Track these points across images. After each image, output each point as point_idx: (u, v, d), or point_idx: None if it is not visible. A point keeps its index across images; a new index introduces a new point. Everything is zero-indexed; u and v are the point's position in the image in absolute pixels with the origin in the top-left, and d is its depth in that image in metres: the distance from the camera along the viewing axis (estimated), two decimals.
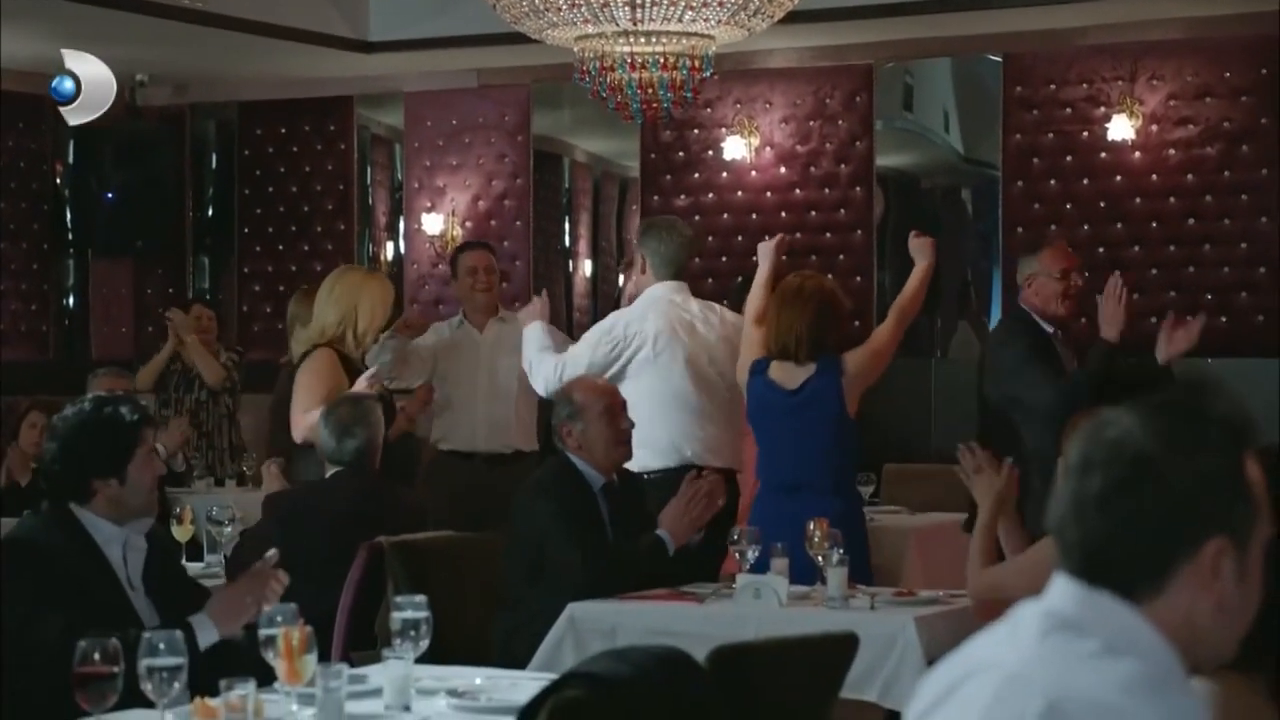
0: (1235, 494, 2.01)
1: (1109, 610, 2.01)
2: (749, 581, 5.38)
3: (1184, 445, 2.02)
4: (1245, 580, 2.03)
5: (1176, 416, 2.04)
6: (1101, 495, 2.02)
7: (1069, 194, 9.60)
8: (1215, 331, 9.31)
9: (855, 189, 10.06)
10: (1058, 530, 2.05)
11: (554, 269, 11.16)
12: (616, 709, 3.27)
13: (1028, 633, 2.01)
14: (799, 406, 6.16)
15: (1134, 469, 2.01)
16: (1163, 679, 1.97)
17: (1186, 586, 2.01)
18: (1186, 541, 2.00)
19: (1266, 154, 9.25)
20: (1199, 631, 2.02)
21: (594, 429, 5.71)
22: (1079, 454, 2.04)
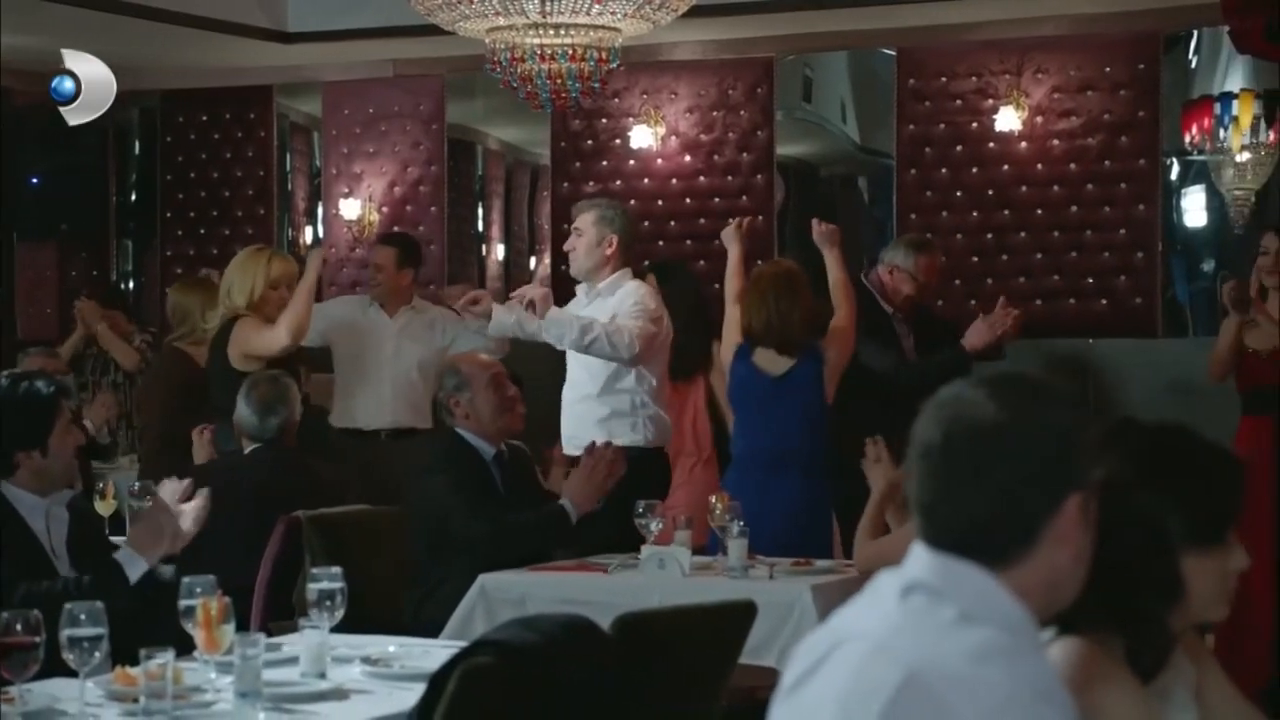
0: (1080, 449, 2.06)
1: (965, 577, 2.03)
2: (653, 553, 5.40)
3: (1033, 413, 2.06)
4: (1089, 530, 2.08)
5: (1020, 388, 2.08)
6: (964, 469, 2.04)
7: (959, 182, 9.65)
8: (1096, 314, 9.42)
9: (757, 176, 10.08)
10: (918, 504, 2.07)
11: (467, 254, 11.12)
12: (524, 674, 3.27)
13: (889, 603, 2.03)
14: (782, 392, 6.23)
15: (993, 441, 2.03)
16: (1016, 645, 1.99)
17: (1051, 543, 2.04)
18: (1050, 501, 2.03)
19: (1145, 145, 9.33)
20: (1058, 585, 2.06)
21: (481, 399, 5.72)
22: (937, 432, 2.06)
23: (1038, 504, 2.03)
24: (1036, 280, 9.48)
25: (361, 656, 3.99)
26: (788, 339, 6.25)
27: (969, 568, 2.03)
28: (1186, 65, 9.74)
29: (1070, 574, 2.08)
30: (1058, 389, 2.10)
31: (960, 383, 2.11)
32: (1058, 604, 2.12)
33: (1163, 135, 9.35)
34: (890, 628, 1.99)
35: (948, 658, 1.95)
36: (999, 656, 1.96)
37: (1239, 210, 9.49)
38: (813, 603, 5.07)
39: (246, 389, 6.11)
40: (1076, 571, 2.08)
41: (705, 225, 10.07)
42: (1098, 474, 2.11)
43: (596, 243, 6.50)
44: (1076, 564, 2.07)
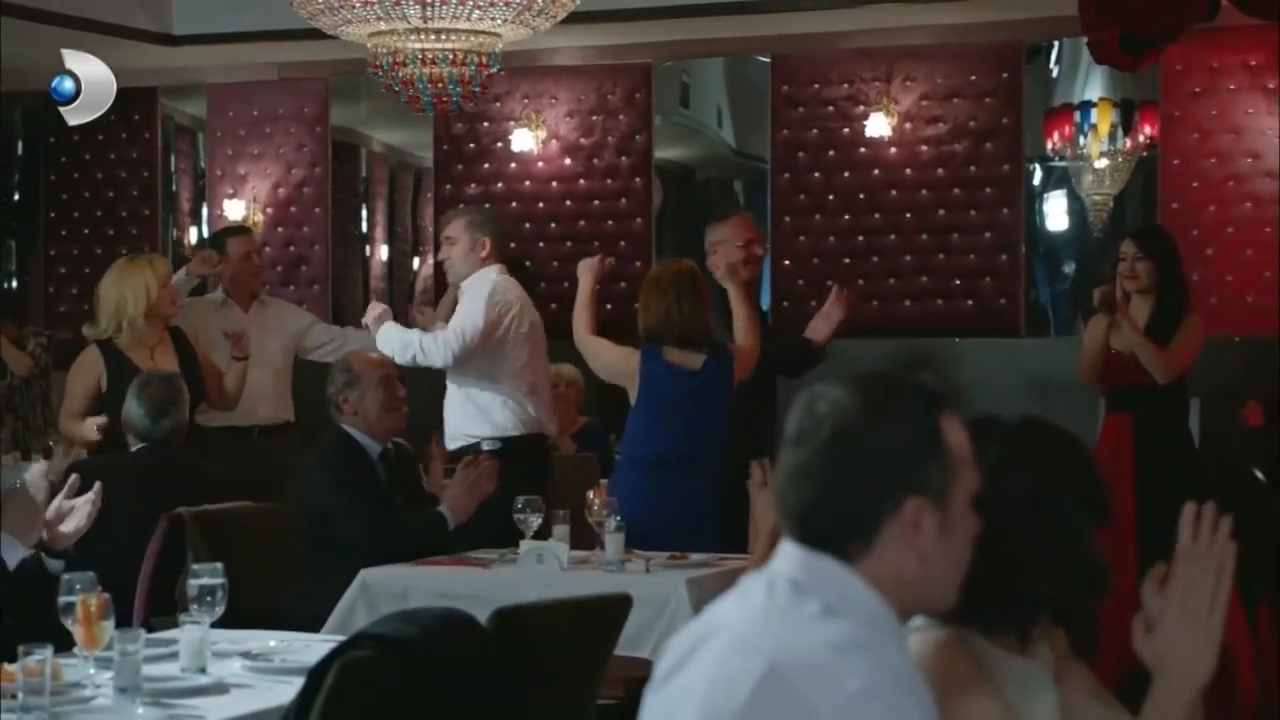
0: (931, 456, 2.06)
1: (828, 572, 2.05)
2: (531, 548, 5.39)
3: (882, 413, 2.06)
4: (949, 534, 2.08)
5: (876, 387, 2.09)
6: (810, 463, 2.06)
7: (831, 186, 9.71)
8: (963, 313, 9.51)
9: (635, 179, 10.09)
10: (778, 499, 2.09)
11: (351, 254, 11.04)
12: (402, 667, 3.25)
13: (756, 598, 2.04)
14: (701, 386, 6.13)
15: (838, 437, 2.05)
16: (875, 638, 2.00)
17: (892, 543, 2.05)
18: (888, 501, 2.04)
19: (1009, 150, 9.44)
20: (910, 583, 2.07)
21: (370, 397, 5.71)
22: (792, 427, 2.08)
23: (876, 503, 2.04)
24: (905, 281, 9.56)
25: (242, 651, 3.95)
26: (693, 335, 6.14)
27: (830, 562, 2.05)
28: (1048, 75, 9.87)
29: (923, 576, 2.07)
30: (913, 394, 2.10)
31: (830, 380, 2.13)
32: (925, 602, 2.13)
33: (1025, 142, 9.46)
34: (754, 622, 2.00)
35: (809, 650, 1.96)
36: (858, 649, 1.97)
37: (1098, 214, 9.63)
38: (687, 596, 5.07)
39: (138, 388, 6.03)
40: (928, 575, 2.07)
41: (585, 227, 10.07)
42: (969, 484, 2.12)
43: (471, 247, 6.59)
44: (923, 566, 2.06)
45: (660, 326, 6.14)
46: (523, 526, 5.50)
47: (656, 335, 6.15)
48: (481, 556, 5.57)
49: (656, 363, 6.15)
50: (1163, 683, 2.30)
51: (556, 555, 5.33)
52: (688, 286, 6.16)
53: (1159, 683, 2.31)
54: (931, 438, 2.07)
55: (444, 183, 10.36)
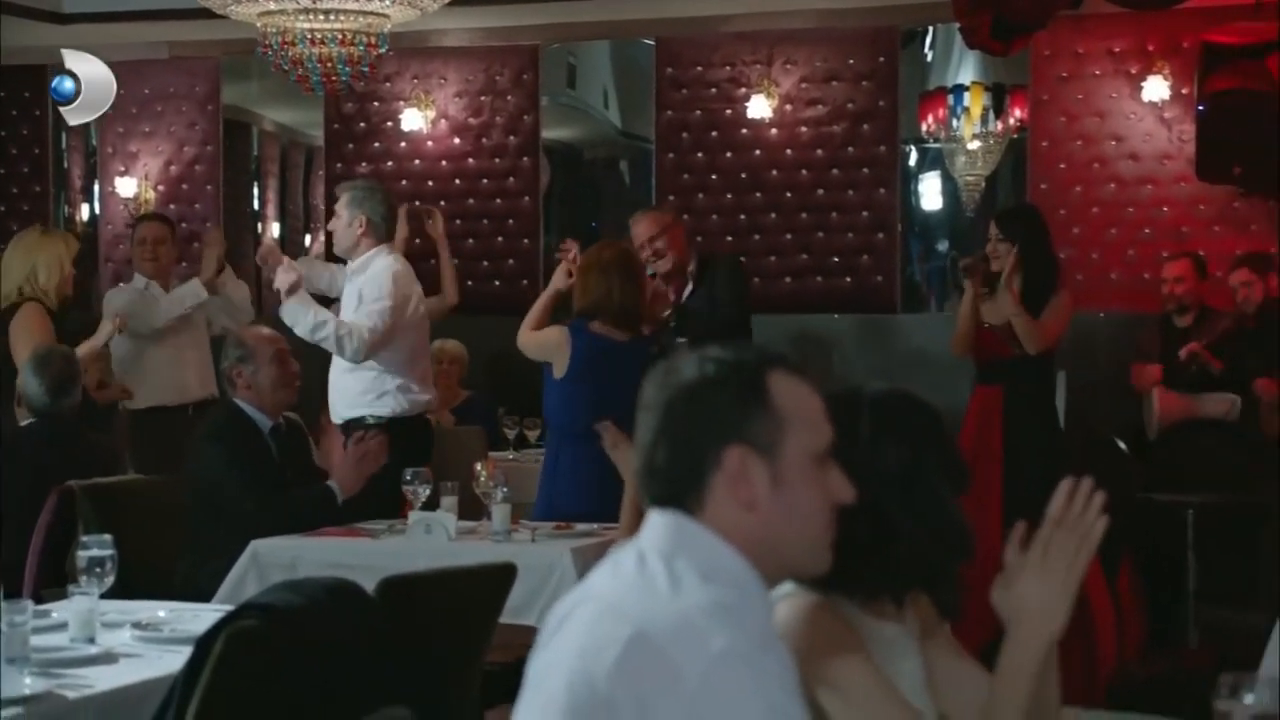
0: (753, 408, 2.11)
1: (694, 538, 2.08)
2: (420, 518, 5.38)
3: (711, 373, 2.12)
4: (784, 486, 2.11)
5: (711, 353, 2.16)
6: (650, 426, 2.13)
7: (714, 166, 9.74)
8: (841, 290, 9.58)
9: (523, 159, 10.06)
10: (635, 466, 2.14)
11: (243, 231, 10.93)
12: (289, 636, 3.23)
13: (627, 567, 2.07)
14: (632, 355, 6.09)
15: (672, 398, 2.12)
16: (740, 601, 2.03)
17: (721, 493, 2.10)
18: (712, 452, 2.09)
19: (885, 132, 9.51)
20: (753, 536, 2.10)
21: (264, 372, 5.66)
22: (643, 396, 2.13)
23: (701, 455, 2.10)
24: (786, 259, 9.60)
25: (131, 621, 3.91)
26: (625, 316, 6.11)
27: (694, 526, 2.08)
28: (923, 59, 9.95)
29: (767, 528, 2.10)
30: (741, 354, 2.16)
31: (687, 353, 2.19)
32: (792, 564, 2.15)
33: (901, 124, 9.54)
34: (623, 588, 2.03)
35: (674, 614, 1.98)
36: (723, 611, 1.99)
37: (970, 195, 9.73)
38: (572, 565, 5.09)
39: (38, 365, 5.94)
40: (776, 528, 2.11)
41: (474, 205, 10.04)
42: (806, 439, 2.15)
43: (349, 223, 6.56)
44: (754, 515, 2.10)
45: (596, 306, 6.08)
46: (411, 498, 5.48)
47: (592, 313, 6.10)
48: (370, 527, 5.54)
49: (582, 336, 6.11)
50: (1016, 635, 2.35)
51: (444, 526, 5.32)
52: (625, 268, 6.14)
53: (1013, 635, 2.36)
54: (754, 391, 2.12)
55: (334, 161, 10.28)
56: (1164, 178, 9.06)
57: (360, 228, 6.52)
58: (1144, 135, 9.08)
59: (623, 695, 1.94)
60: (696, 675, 1.93)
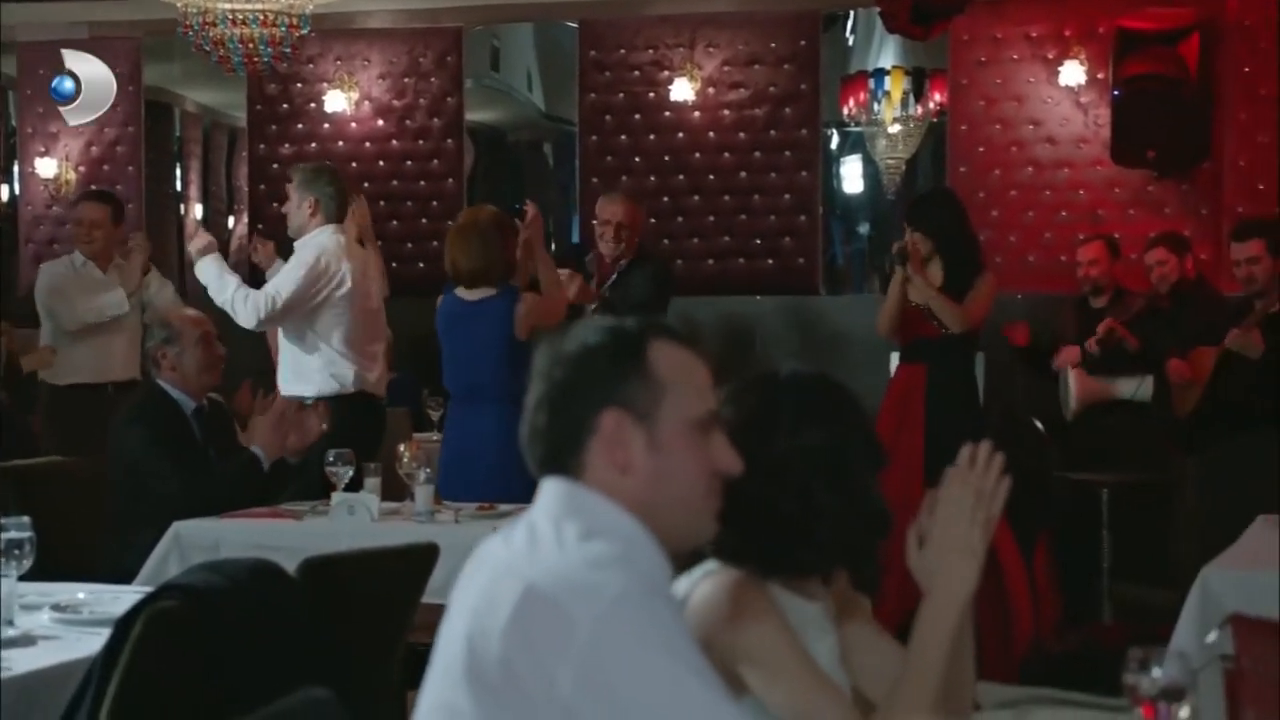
0: (630, 373, 2.15)
1: (580, 498, 2.14)
2: (343, 500, 5.34)
3: (589, 342, 2.18)
4: (661, 451, 2.15)
5: (593, 324, 2.21)
6: (536, 394, 2.18)
7: (638, 148, 9.72)
8: (763, 272, 9.59)
9: (447, 141, 10.01)
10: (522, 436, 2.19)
11: (166, 212, 10.84)
12: (209, 617, 3.20)
13: (519, 532, 2.13)
14: (476, 315, 6.22)
15: (552, 366, 2.17)
16: (630, 551, 2.08)
17: (598, 456, 2.14)
18: (588, 416, 2.14)
19: (806, 116, 9.53)
20: (632, 498, 2.13)
21: (189, 354, 5.61)
22: (534, 365, 2.21)
23: (579, 419, 2.14)
24: (709, 241, 9.61)
25: (50, 604, 3.86)
26: (487, 274, 6.27)
27: (570, 484, 2.12)
28: (844, 43, 9.99)
29: (645, 491, 2.13)
30: (622, 325, 2.20)
31: None
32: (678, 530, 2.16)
33: (823, 107, 9.55)
34: (515, 551, 2.08)
35: (567, 569, 2.03)
36: (614, 562, 2.04)
37: (891, 177, 9.79)
38: None
39: None
40: (653, 490, 2.13)
41: (398, 187, 9.99)
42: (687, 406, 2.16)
43: (299, 204, 6.59)
44: (630, 477, 2.14)
45: (464, 270, 6.31)
46: (334, 479, 5.45)
47: (460, 277, 6.31)
48: (293, 508, 5.50)
49: (447, 297, 6.37)
50: (930, 598, 2.37)
51: (367, 507, 5.29)
52: (483, 231, 6.29)
53: (927, 599, 2.38)
54: (633, 357, 2.16)
55: (258, 143, 10.19)
56: (1080, 161, 9.13)
57: (309, 208, 6.55)
58: (1061, 119, 9.14)
59: (518, 651, 1.98)
60: (589, 622, 1.96)
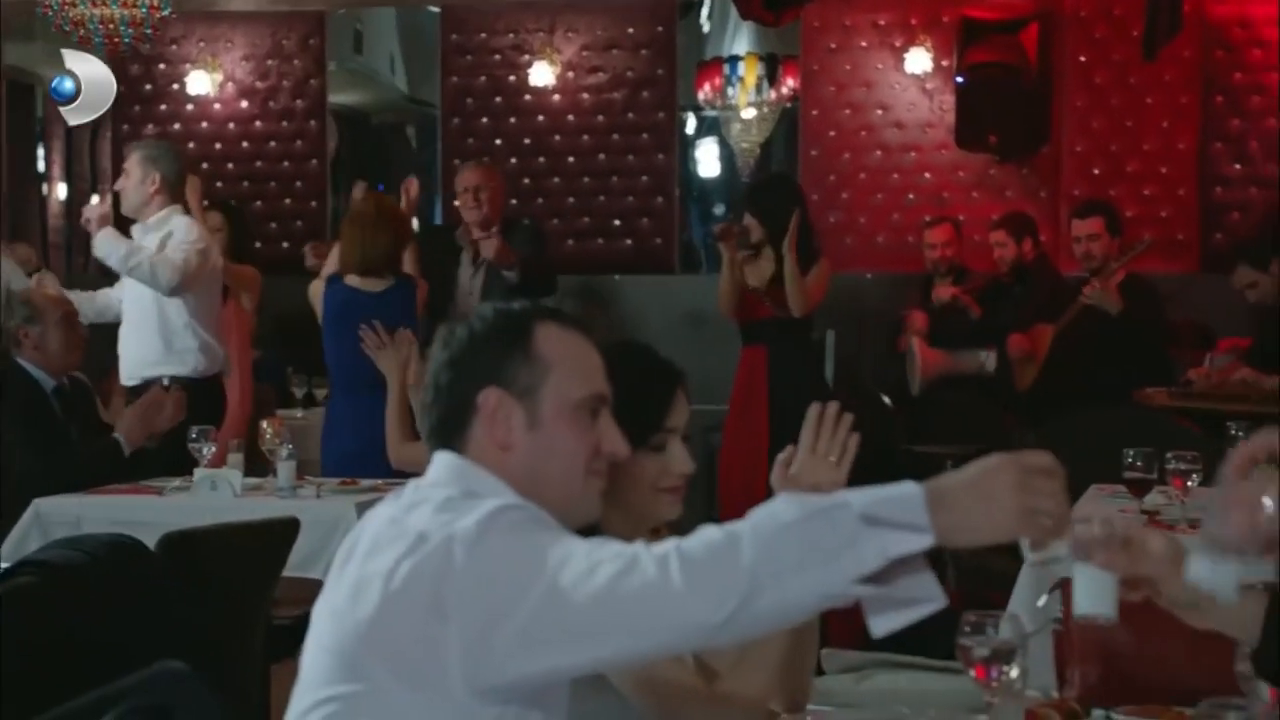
0: (512, 353, 2.17)
1: (467, 470, 2.16)
2: (205, 475, 5.27)
3: (475, 325, 2.20)
4: (542, 430, 2.16)
5: (487, 308, 2.23)
6: (428, 374, 2.21)
7: (499, 131, 9.68)
8: (622, 252, 9.61)
9: (310, 122, 9.90)
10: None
11: (29, 192, 10.61)
12: (68, 592, 3.15)
13: (405, 493, 2.14)
14: (383, 306, 6.09)
15: (441, 349, 2.20)
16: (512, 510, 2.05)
17: (480, 433, 2.16)
18: (471, 394, 2.16)
19: (663, 99, 9.55)
20: (515, 475, 2.14)
21: (52, 334, 5.51)
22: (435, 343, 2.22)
23: (463, 396, 2.16)
24: (569, 222, 9.60)
25: None
26: (379, 265, 6.16)
27: (460, 459, 2.15)
28: (699, 29, 10.01)
29: (526, 468, 2.15)
30: (510, 308, 2.22)
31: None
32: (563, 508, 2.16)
33: (679, 92, 9.58)
34: (403, 506, 2.09)
35: (449, 519, 2.02)
36: (499, 512, 2.03)
37: (745, 161, 9.84)
38: (357, 519, 5.00)
39: None
40: (534, 467, 2.15)
41: (261, 168, 9.87)
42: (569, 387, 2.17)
43: (141, 181, 6.42)
44: (509, 455, 2.15)
45: (346, 259, 6.16)
46: (196, 455, 5.38)
47: (349, 266, 6.14)
48: (156, 484, 5.42)
49: (336, 287, 6.18)
50: None
51: (230, 482, 5.22)
52: (376, 219, 6.19)
53: None
54: (516, 338, 2.17)
55: (121, 123, 10.00)
56: (926, 145, 9.24)
57: (153, 186, 6.39)
58: (908, 105, 9.24)
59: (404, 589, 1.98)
60: (470, 536, 1.97)
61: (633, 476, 2.43)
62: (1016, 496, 1.94)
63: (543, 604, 1.92)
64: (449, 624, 1.95)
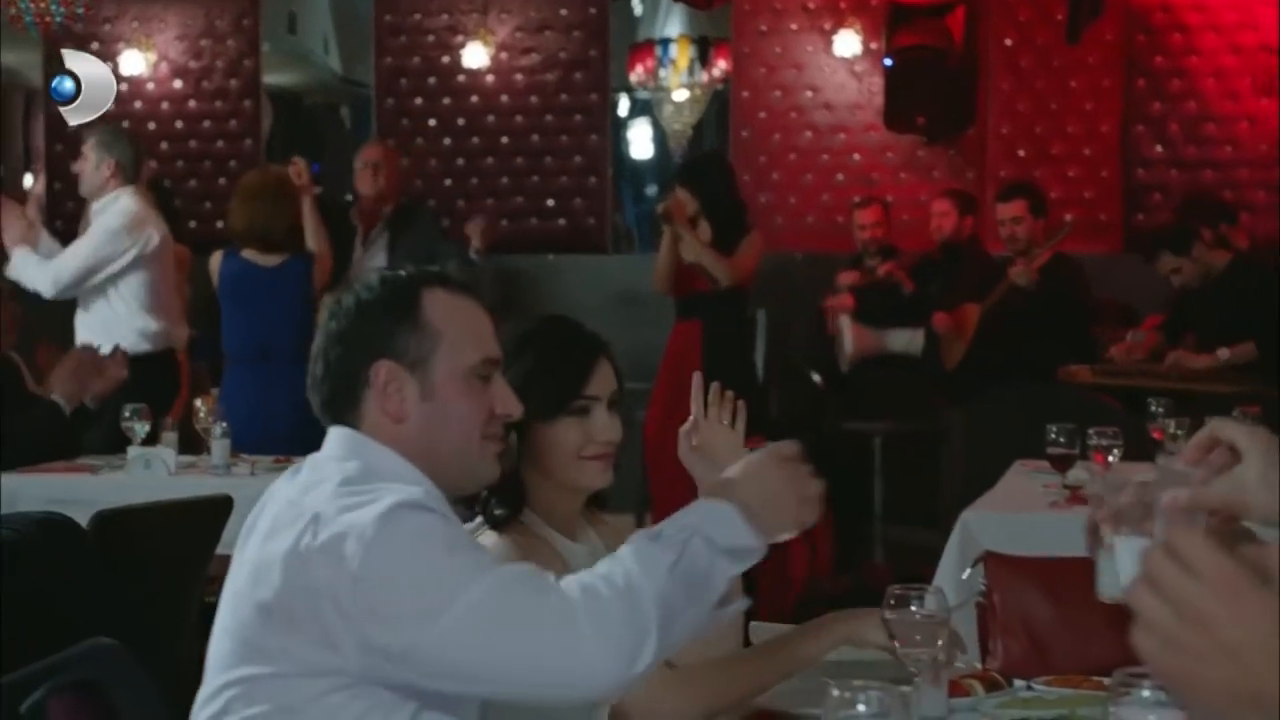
0: (402, 324, 2.14)
1: (360, 444, 2.14)
2: (139, 453, 5.22)
3: (362, 295, 2.17)
4: (434, 400, 2.14)
5: (373, 278, 2.21)
6: (316, 348, 2.18)
7: (433, 111, 9.64)
8: (556, 232, 9.59)
9: (244, 102, 9.82)
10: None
11: None
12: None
13: (302, 472, 2.13)
14: (279, 279, 6.09)
15: (329, 321, 2.17)
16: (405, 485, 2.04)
17: (373, 406, 2.14)
18: (363, 367, 2.13)
19: (595, 81, 9.53)
20: (409, 445, 2.13)
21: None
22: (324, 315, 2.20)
23: (355, 370, 2.13)
24: (502, 201, 9.57)
25: None
26: (275, 238, 6.16)
27: (353, 433, 2.13)
28: (631, 12, 9.99)
29: (420, 439, 2.12)
30: (396, 278, 2.19)
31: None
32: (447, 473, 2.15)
33: (612, 74, 9.56)
34: (300, 486, 2.07)
35: (345, 498, 2.01)
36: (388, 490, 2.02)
37: (678, 142, 9.83)
38: None
39: None
40: (428, 437, 2.13)
41: (196, 148, 9.78)
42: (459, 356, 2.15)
43: (96, 165, 6.44)
44: (401, 426, 2.12)
45: (245, 230, 6.13)
46: (130, 434, 5.33)
47: (244, 239, 6.14)
48: (90, 462, 5.37)
49: (231, 260, 6.19)
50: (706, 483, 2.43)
51: (164, 460, 5.18)
52: (271, 193, 6.20)
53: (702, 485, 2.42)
54: (405, 308, 2.14)
55: (54, 104, 9.87)
56: (855, 127, 9.26)
57: (109, 170, 6.42)
58: (837, 87, 9.26)
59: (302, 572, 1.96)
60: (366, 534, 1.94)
61: (554, 443, 2.44)
62: (792, 487, 2.06)
63: (439, 634, 1.91)
64: (346, 619, 1.94)
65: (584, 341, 2.50)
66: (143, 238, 6.39)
